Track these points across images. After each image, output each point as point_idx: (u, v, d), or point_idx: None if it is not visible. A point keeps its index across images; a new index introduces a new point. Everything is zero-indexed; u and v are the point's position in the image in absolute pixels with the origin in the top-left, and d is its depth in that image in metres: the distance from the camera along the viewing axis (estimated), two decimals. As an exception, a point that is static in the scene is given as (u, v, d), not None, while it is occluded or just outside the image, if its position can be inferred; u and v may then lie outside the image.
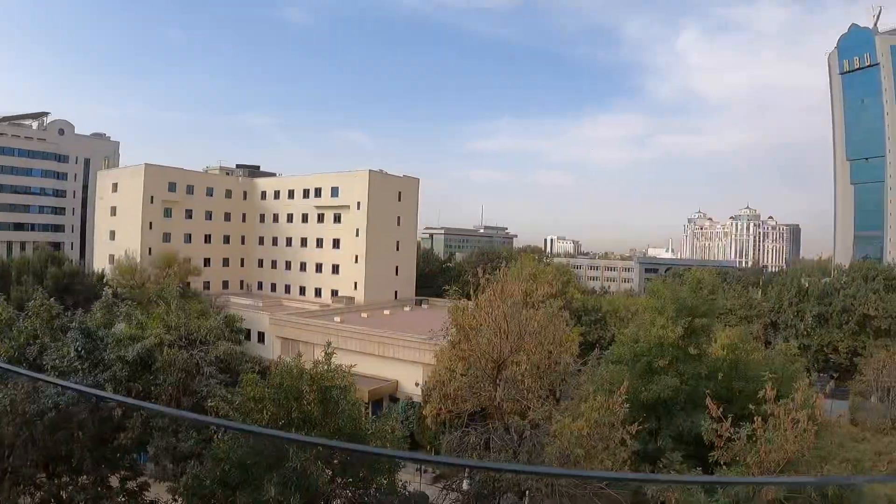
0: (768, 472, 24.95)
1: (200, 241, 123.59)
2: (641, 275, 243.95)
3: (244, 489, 24.22)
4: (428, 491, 46.88)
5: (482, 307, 30.95)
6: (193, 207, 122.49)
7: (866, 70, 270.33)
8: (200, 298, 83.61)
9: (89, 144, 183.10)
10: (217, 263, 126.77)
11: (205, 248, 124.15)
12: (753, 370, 39.44)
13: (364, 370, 74.50)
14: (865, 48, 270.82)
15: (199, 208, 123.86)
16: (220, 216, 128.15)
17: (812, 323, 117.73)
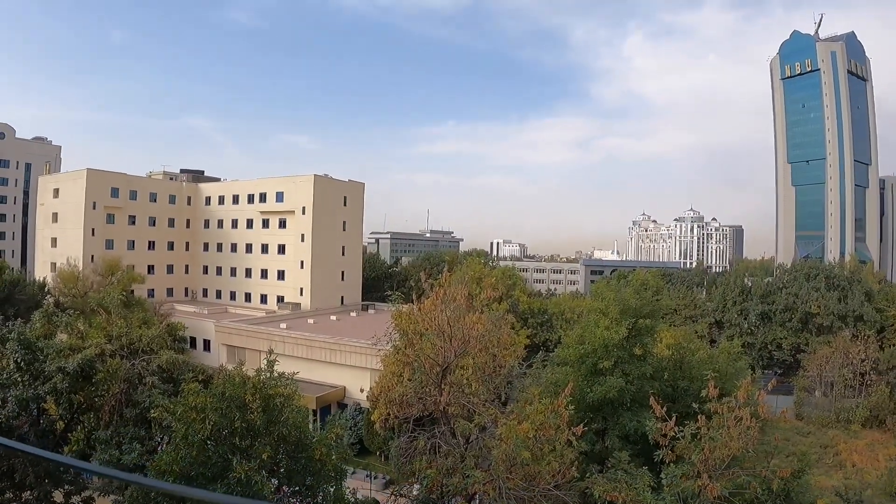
0: (713, 469, 25.26)
1: (144, 247, 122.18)
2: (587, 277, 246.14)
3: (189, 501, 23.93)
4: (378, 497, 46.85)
5: (426, 312, 30.94)
6: (137, 213, 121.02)
7: (807, 75, 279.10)
8: (144, 307, 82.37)
9: (30, 149, 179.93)
10: (161, 270, 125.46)
11: (148, 254, 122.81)
12: (698, 369, 40.04)
13: (311, 376, 74.30)
14: (807, 54, 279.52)
15: (143, 214, 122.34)
16: (164, 222, 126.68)
17: (756, 321, 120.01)
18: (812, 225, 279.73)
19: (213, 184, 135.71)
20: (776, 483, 26.93)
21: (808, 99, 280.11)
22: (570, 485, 27.16)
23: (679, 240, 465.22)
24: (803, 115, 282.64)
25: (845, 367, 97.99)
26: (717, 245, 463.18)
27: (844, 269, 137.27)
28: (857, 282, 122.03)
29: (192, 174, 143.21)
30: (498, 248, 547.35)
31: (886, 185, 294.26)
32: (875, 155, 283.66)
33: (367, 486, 59.72)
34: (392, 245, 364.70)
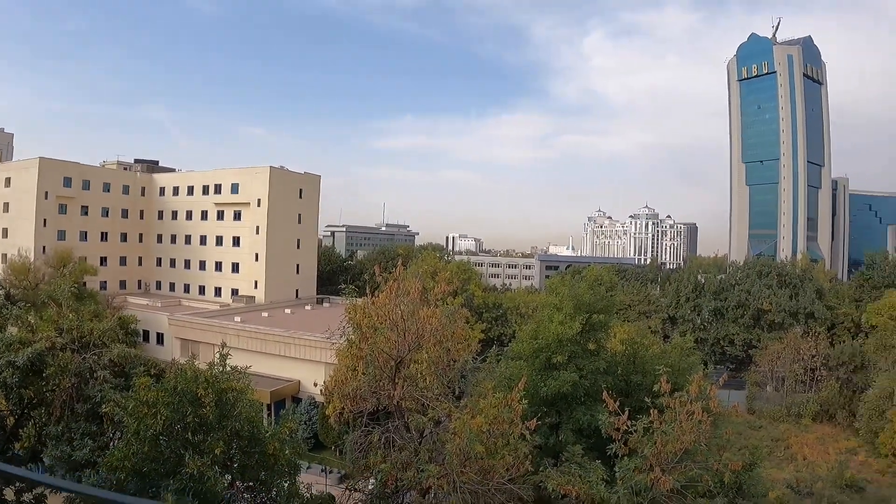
0: (666, 463, 25.44)
1: (97, 238, 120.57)
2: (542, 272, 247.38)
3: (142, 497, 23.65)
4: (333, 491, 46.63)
5: (380, 306, 30.86)
6: (90, 204, 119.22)
7: (763, 77, 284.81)
8: (96, 299, 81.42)
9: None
10: (114, 262, 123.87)
11: (101, 246, 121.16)
12: (651, 364, 40.27)
13: (266, 370, 73.97)
14: (764, 57, 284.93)
15: (96, 205, 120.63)
16: (118, 213, 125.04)
17: (708, 317, 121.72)
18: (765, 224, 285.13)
19: (167, 174, 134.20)
20: (728, 476, 27.26)
21: (764, 100, 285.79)
22: (524, 478, 27.18)
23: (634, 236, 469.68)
24: (759, 116, 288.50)
25: (796, 362, 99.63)
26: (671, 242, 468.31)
27: (796, 268, 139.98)
28: (809, 280, 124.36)
29: (146, 164, 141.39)
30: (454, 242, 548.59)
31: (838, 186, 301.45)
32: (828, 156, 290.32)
33: (322, 480, 59.50)
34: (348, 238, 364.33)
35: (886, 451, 76.01)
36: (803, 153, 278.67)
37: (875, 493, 67.60)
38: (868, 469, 74.88)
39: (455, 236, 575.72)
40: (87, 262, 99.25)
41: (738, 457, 29.94)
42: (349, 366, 31.36)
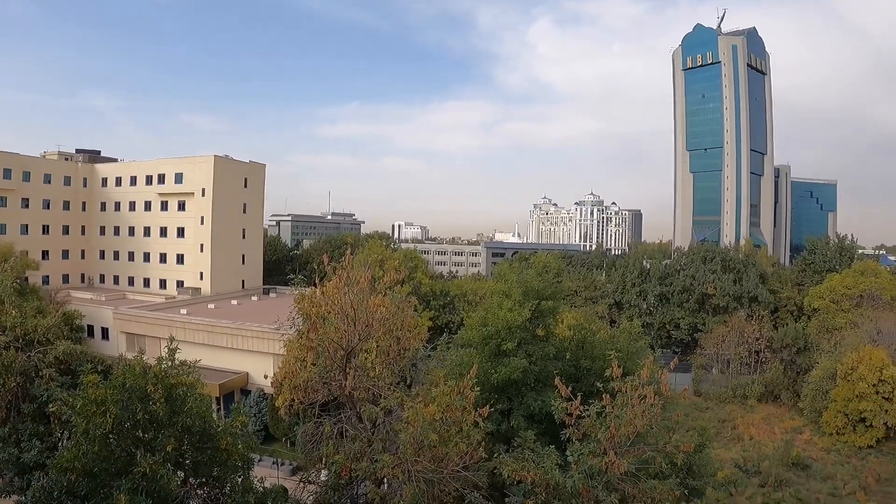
0: (619, 446, 25.64)
1: (38, 231, 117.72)
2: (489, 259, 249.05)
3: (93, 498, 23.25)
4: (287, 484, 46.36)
5: (329, 295, 30.64)
6: (30, 196, 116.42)
7: (708, 67, 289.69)
8: (39, 294, 79.76)
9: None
10: (56, 256, 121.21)
11: (43, 239, 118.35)
12: (599, 349, 40.68)
13: (214, 363, 73.17)
14: (708, 47, 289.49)
15: (37, 196, 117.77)
16: (59, 205, 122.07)
17: (654, 302, 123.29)
18: (709, 210, 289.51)
19: (110, 164, 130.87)
20: (680, 457, 27.80)
21: (708, 90, 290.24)
22: (478, 465, 27.23)
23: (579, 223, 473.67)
24: (703, 105, 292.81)
25: (741, 345, 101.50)
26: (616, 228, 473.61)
27: (740, 253, 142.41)
28: (752, 265, 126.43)
29: (88, 154, 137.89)
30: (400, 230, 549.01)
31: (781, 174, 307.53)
32: (770, 145, 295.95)
33: (274, 473, 59.19)
34: (293, 228, 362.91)
35: (830, 429, 77.97)
36: (746, 141, 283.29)
37: (820, 471, 69.39)
38: (813, 447, 76.71)
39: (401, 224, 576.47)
40: (28, 257, 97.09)
41: (688, 438, 30.33)
42: (299, 356, 31.06)
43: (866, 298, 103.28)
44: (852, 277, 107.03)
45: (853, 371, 76.10)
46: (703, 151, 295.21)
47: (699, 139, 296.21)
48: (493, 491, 29.25)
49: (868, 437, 75.89)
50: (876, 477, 68.17)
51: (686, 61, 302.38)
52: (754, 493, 63.56)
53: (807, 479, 67.49)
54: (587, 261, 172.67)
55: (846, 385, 76.44)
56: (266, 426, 71.28)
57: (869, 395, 74.21)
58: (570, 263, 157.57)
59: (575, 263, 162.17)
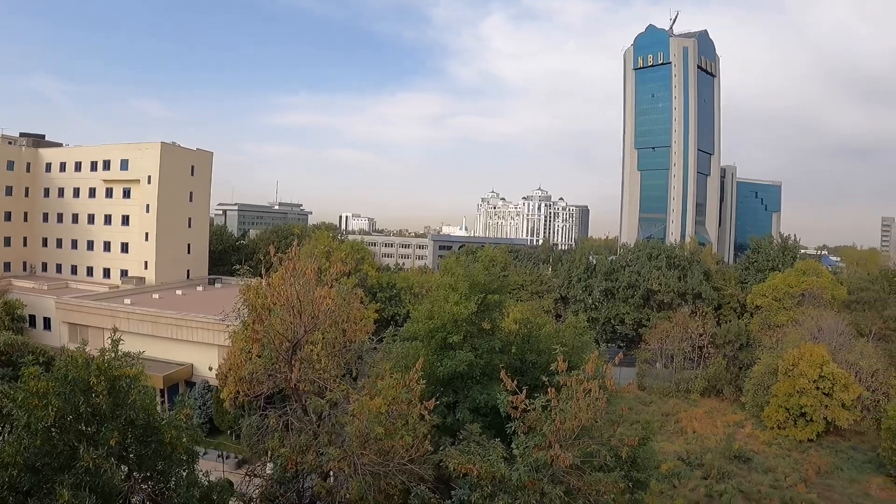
0: (564, 440, 25.79)
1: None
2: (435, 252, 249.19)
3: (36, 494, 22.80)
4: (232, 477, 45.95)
5: (275, 286, 30.42)
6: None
7: (658, 67, 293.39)
8: (-22, 283, 78.35)
9: None
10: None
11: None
12: (545, 343, 40.99)
13: (158, 354, 72.45)
14: (660, 47, 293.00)
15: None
16: (1, 190, 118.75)
17: (600, 297, 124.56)
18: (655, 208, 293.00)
19: (54, 149, 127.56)
20: (624, 450, 28.12)
21: (658, 90, 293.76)
22: (424, 458, 27.24)
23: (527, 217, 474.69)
24: (652, 104, 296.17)
25: (684, 340, 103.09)
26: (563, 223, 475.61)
27: (685, 250, 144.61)
28: (697, 262, 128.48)
29: (32, 138, 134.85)
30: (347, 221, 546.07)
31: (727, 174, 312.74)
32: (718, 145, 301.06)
33: (219, 467, 58.65)
34: (240, 217, 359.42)
35: (771, 423, 79.72)
36: (694, 141, 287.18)
37: (762, 464, 71.05)
38: (754, 441, 78.35)
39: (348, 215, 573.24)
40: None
41: (632, 432, 30.82)
42: (244, 348, 30.77)
43: (808, 297, 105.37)
44: (795, 276, 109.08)
45: (794, 367, 77.74)
46: (651, 150, 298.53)
47: (648, 138, 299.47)
48: (440, 484, 29.29)
49: (808, 431, 77.90)
50: (816, 470, 70.09)
51: (637, 61, 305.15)
52: (697, 485, 64.77)
53: (749, 472, 68.92)
54: (534, 255, 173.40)
55: (787, 381, 78.07)
56: (211, 419, 70.63)
57: (809, 391, 75.91)
58: (516, 258, 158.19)
59: (522, 258, 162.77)
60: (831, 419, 77.14)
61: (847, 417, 76.75)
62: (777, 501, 61.37)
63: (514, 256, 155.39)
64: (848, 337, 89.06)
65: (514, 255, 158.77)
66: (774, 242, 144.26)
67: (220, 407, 64.89)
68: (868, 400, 78.82)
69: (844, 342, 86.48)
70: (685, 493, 62.55)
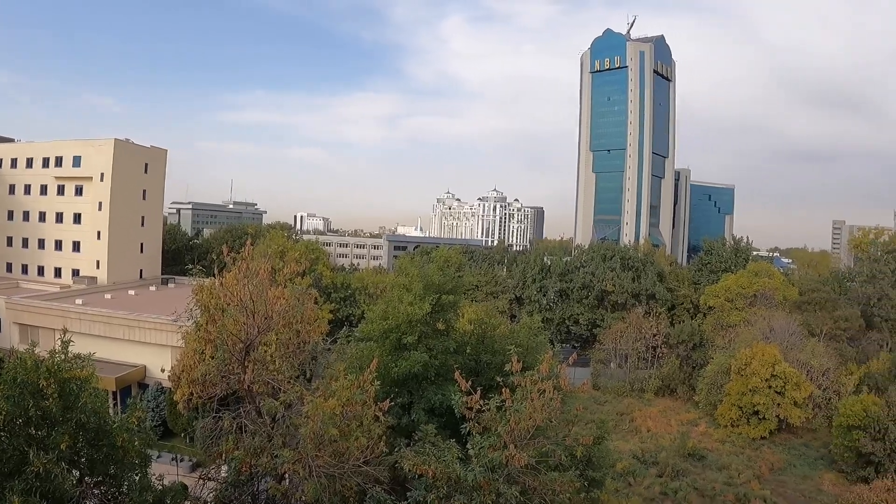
0: (519, 440, 25.86)
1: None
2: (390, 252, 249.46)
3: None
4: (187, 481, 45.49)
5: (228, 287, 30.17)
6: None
7: (615, 71, 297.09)
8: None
9: None
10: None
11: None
12: (500, 343, 41.11)
13: (110, 356, 71.60)
14: (617, 51, 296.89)
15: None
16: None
17: (554, 298, 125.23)
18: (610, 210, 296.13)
19: (5, 145, 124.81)
20: (579, 450, 28.21)
21: (615, 93, 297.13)
22: (379, 460, 27.13)
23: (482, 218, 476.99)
24: (608, 107, 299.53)
25: (638, 341, 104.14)
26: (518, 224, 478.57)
27: (639, 252, 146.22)
28: (651, 263, 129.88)
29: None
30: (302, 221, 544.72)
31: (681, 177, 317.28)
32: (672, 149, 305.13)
33: (173, 470, 57.91)
34: (194, 216, 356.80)
35: (724, 421, 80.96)
36: (649, 144, 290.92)
37: (716, 461, 72.29)
38: (708, 439, 79.44)
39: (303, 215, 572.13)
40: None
41: (587, 431, 30.97)
42: (197, 349, 30.48)
43: (760, 298, 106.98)
44: (747, 278, 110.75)
45: (747, 366, 78.95)
46: (606, 153, 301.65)
47: (603, 140, 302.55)
48: (395, 485, 29.25)
49: (761, 429, 79.23)
50: (769, 467, 71.53)
51: (594, 64, 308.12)
52: (652, 482, 65.56)
53: (703, 470, 69.99)
54: (489, 256, 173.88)
55: (740, 380, 79.24)
56: (164, 421, 69.99)
57: (762, 390, 77.17)
58: (471, 258, 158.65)
59: (476, 258, 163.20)
60: (783, 417, 78.74)
61: (799, 415, 78.33)
62: (731, 498, 62.37)
63: (468, 257, 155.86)
64: (799, 337, 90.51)
65: (469, 256, 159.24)
66: (727, 244, 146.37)
67: (173, 409, 64.34)
68: (819, 398, 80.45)
69: (796, 342, 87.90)
70: (640, 491, 63.24)
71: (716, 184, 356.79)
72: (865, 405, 67.94)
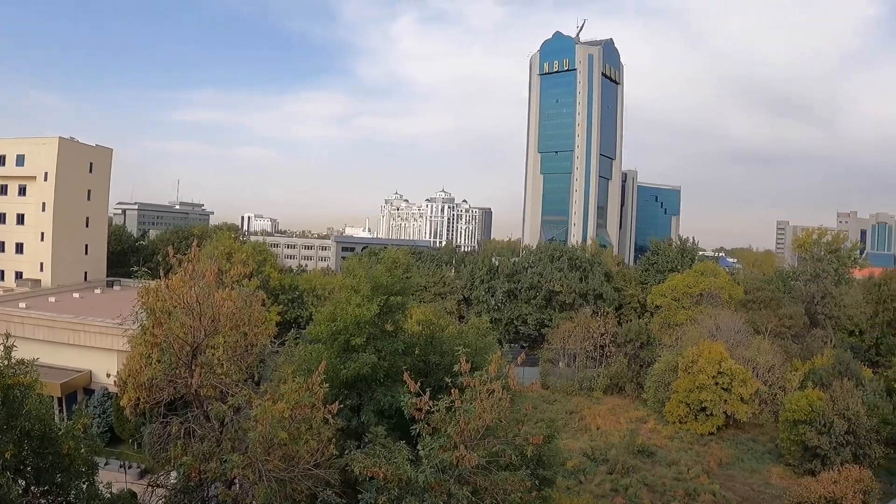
0: (469, 440, 25.94)
1: None
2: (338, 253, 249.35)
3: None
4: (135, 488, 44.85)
5: (174, 289, 29.83)
6: None
7: (564, 73, 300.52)
8: None
9: None
10: None
11: None
12: (448, 344, 41.16)
13: (55, 361, 70.41)
14: (566, 54, 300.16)
15: None
16: None
17: (502, 298, 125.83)
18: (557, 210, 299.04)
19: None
20: (529, 449, 28.46)
21: (563, 95, 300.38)
22: (329, 462, 27.13)
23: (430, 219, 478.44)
24: (557, 109, 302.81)
25: (587, 340, 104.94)
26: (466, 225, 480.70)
27: (586, 252, 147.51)
28: (598, 264, 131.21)
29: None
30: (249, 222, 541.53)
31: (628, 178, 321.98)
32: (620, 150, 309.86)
33: (121, 477, 57.22)
34: (140, 217, 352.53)
35: (672, 418, 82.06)
36: (596, 146, 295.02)
37: (665, 457, 73.33)
38: (657, 435, 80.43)
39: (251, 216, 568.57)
40: None
41: (537, 430, 31.28)
42: (143, 353, 30.05)
43: (706, 297, 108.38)
44: (693, 277, 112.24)
45: (694, 364, 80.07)
46: (554, 154, 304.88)
47: (551, 142, 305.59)
48: (346, 488, 29.17)
49: (709, 424, 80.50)
50: (718, 461, 72.70)
51: (543, 66, 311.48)
52: (603, 479, 66.16)
53: (652, 466, 70.92)
54: (437, 257, 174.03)
55: (687, 377, 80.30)
56: (112, 427, 68.98)
57: (709, 387, 78.33)
58: (419, 259, 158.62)
59: (425, 259, 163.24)
60: (731, 413, 79.95)
61: (746, 411, 79.69)
62: (681, 493, 63.15)
63: (417, 258, 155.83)
64: (745, 334, 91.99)
65: (417, 257, 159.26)
66: (673, 245, 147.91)
67: (120, 415, 63.52)
68: (765, 394, 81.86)
69: (742, 339, 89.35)
70: (591, 488, 63.76)
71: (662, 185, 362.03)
72: (810, 400, 69.34)
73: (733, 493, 64.21)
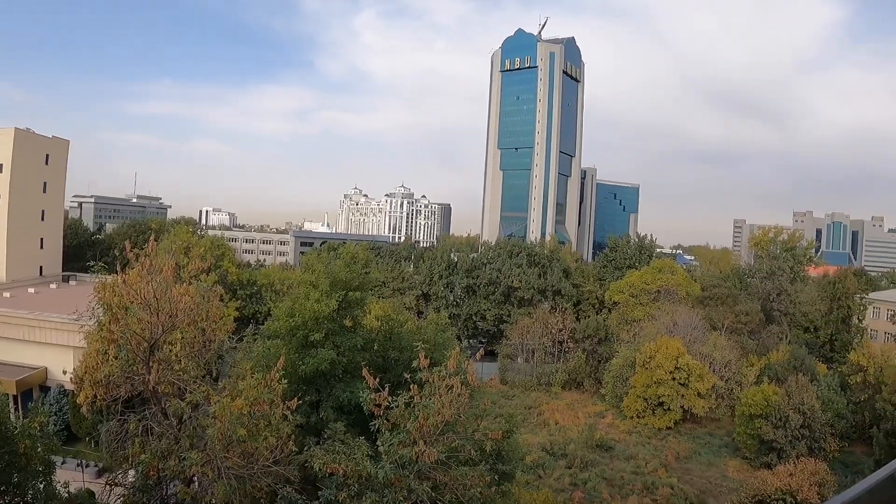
0: (429, 436, 26.03)
1: None
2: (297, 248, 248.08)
3: None
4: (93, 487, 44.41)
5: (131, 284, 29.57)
6: None
7: (525, 71, 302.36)
8: None
9: None
10: None
11: None
12: (407, 340, 41.25)
13: (9, 358, 69.59)
14: (527, 51, 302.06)
15: None
16: None
17: (461, 294, 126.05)
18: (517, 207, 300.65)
19: None
20: (488, 444, 28.45)
21: (524, 92, 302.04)
22: (289, 459, 27.07)
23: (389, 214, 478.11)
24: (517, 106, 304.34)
25: (545, 336, 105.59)
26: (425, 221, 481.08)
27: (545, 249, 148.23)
28: (557, 260, 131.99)
29: None
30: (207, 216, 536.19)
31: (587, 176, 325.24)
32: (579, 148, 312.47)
33: (79, 476, 56.60)
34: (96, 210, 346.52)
35: (630, 413, 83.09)
36: (556, 144, 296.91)
37: (623, 451, 74.42)
38: (615, 430, 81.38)
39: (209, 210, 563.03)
40: None
41: (496, 425, 31.37)
42: (100, 349, 29.85)
43: (663, 293, 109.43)
44: (651, 274, 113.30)
45: (651, 359, 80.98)
46: (514, 150, 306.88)
47: (511, 139, 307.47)
48: (306, 484, 29.12)
49: (667, 419, 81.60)
50: (675, 455, 73.86)
51: (505, 63, 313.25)
52: (562, 474, 66.89)
53: (611, 460, 71.83)
54: (396, 252, 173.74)
55: (645, 372, 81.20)
56: (68, 425, 68.12)
57: (666, 382, 79.31)
58: (378, 255, 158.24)
59: (383, 255, 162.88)
60: (688, 407, 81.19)
61: (703, 405, 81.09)
62: (639, 486, 64.09)
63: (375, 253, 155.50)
64: (702, 330, 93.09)
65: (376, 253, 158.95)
66: (632, 242, 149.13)
67: (77, 412, 62.75)
68: (722, 389, 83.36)
69: (699, 335, 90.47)
70: (550, 482, 64.22)
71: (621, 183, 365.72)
72: (766, 395, 70.63)
73: (691, 487, 65.21)
